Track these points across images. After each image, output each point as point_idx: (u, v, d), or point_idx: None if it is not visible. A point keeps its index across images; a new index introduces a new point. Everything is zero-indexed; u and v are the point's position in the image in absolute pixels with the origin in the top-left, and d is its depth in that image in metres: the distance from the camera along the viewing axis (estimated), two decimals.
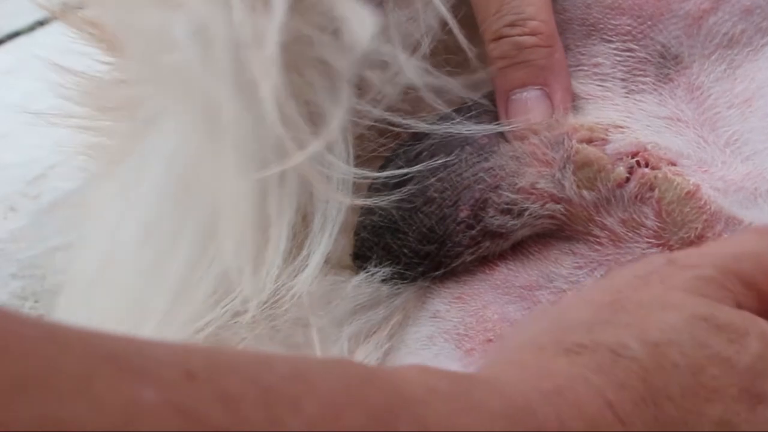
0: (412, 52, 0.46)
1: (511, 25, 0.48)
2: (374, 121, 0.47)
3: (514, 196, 0.47)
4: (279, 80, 0.43)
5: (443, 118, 0.48)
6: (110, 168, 0.52)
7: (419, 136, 0.48)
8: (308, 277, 0.46)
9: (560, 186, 0.47)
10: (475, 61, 0.48)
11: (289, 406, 0.24)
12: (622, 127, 0.48)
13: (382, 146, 0.49)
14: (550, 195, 0.47)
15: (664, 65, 0.50)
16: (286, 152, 0.44)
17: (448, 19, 0.47)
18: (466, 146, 0.48)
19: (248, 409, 0.24)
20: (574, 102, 0.49)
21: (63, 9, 0.57)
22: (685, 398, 0.33)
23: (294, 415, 0.24)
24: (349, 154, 0.47)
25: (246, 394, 0.24)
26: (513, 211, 0.47)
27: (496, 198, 0.47)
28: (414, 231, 0.48)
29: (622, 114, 0.48)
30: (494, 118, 0.49)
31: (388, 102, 0.46)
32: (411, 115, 0.48)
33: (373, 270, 0.48)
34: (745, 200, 0.46)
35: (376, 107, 0.46)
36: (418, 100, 0.48)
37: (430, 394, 0.28)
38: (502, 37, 0.48)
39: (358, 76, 0.46)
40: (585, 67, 0.50)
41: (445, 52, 0.48)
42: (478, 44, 0.48)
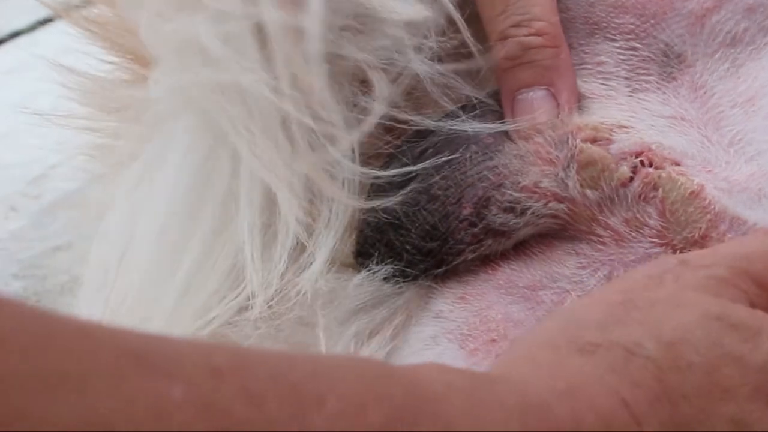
0: (420, 49, 0.46)
1: (517, 25, 0.48)
2: (379, 119, 0.47)
3: (517, 195, 0.47)
4: (322, 75, 0.43)
5: (449, 116, 0.48)
6: (116, 169, 0.52)
7: (424, 134, 0.48)
8: (313, 274, 0.47)
9: (564, 185, 0.47)
10: (481, 59, 0.48)
11: (312, 403, 0.25)
12: (626, 127, 0.48)
13: (387, 144, 0.49)
14: (554, 194, 0.47)
15: (668, 64, 0.50)
16: (299, 152, 0.44)
17: (456, 17, 0.47)
18: (471, 145, 0.48)
19: (272, 405, 0.24)
20: (578, 101, 0.49)
21: (66, 8, 0.57)
22: (699, 397, 0.33)
23: (317, 412, 0.25)
24: (354, 153, 0.47)
25: (270, 391, 0.24)
26: (516, 210, 0.47)
27: (500, 196, 0.47)
28: (417, 228, 0.48)
29: (626, 113, 0.48)
30: (499, 118, 0.49)
31: (394, 99, 0.46)
32: (416, 112, 0.48)
33: (375, 268, 0.48)
34: (749, 200, 0.46)
35: (381, 104, 0.46)
36: (422, 98, 0.48)
37: (448, 391, 0.29)
38: (508, 37, 0.48)
39: (364, 73, 0.46)
40: (588, 66, 0.50)
41: (451, 51, 0.48)
42: (484, 43, 0.48)
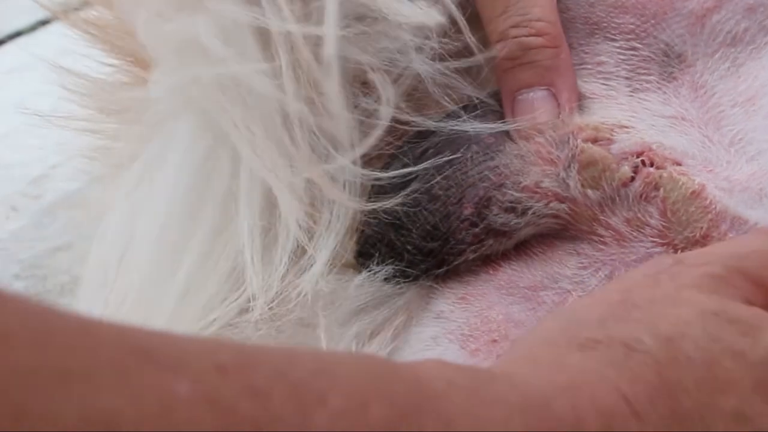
0: (422, 50, 0.46)
1: (517, 26, 0.48)
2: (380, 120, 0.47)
3: (518, 195, 0.47)
4: (336, 79, 0.43)
5: (450, 116, 0.48)
6: (116, 170, 0.52)
7: (425, 134, 0.48)
8: (314, 276, 0.47)
9: (565, 185, 0.47)
10: (482, 59, 0.48)
11: (316, 400, 0.25)
12: (626, 127, 0.48)
13: (388, 144, 0.48)
14: (555, 194, 0.47)
15: (668, 64, 0.50)
16: (301, 154, 0.44)
17: (457, 17, 0.47)
18: (472, 145, 0.48)
19: (277, 402, 0.24)
20: (579, 101, 0.49)
21: (64, 9, 0.57)
22: (700, 391, 0.33)
23: (321, 408, 0.25)
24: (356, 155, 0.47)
25: (274, 387, 0.24)
26: (517, 210, 0.47)
27: (501, 196, 0.47)
28: (418, 228, 0.48)
29: (627, 113, 0.48)
30: (500, 118, 0.49)
31: (396, 101, 0.46)
32: (417, 113, 0.48)
33: (376, 268, 0.48)
34: (750, 200, 0.46)
35: (387, 108, 0.46)
36: (424, 99, 0.48)
37: (450, 388, 0.29)
38: (508, 37, 0.48)
39: (365, 75, 0.46)
40: (589, 66, 0.50)
41: (453, 51, 0.48)
42: (484, 44, 0.48)
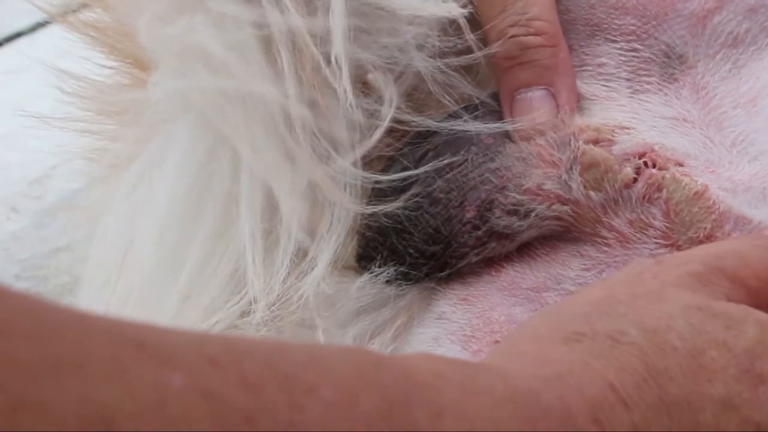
0: (422, 47, 0.46)
1: (516, 25, 0.47)
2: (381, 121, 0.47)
3: (520, 197, 0.47)
4: (346, 79, 0.43)
5: (451, 116, 0.48)
6: (114, 171, 0.52)
7: (425, 135, 0.48)
8: (316, 279, 0.47)
9: (567, 187, 0.47)
10: (482, 58, 0.48)
11: (307, 391, 0.25)
12: (628, 128, 0.48)
13: (388, 146, 0.48)
14: (557, 196, 0.47)
15: (669, 65, 0.49)
16: (302, 156, 0.44)
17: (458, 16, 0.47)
18: (471, 146, 0.48)
19: (269, 393, 0.24)
20: (579, 102, 0.49)
21: (63, 12, 0.57)
22: (686, 379, 0.34)
23: (312, 400, 0.25)
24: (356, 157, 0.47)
25: (266, 379, 0.25)
26: (519, 212, 0.47)
27: (503, 199, 0.47)
28: (419, 231, 0.47)
29: (628, 115, 0.48)
30: (500, 118, 0.49)
31: (397, 100, 0.46)
32: (418, 113, 0.48)
33: (378, 271, 0.48)
34: (753, 199, 0.46)
35: (389, 109, 0.46)
36: (424, 99, 0.48)
37: (438, 380, 0.29)
38: (507, 37, 0.48)
39: (365, 74, 0.46)
40: (589, 68, 0.50)
41: (453, 50, 0.48)
42: (485, 43, 0.48)
